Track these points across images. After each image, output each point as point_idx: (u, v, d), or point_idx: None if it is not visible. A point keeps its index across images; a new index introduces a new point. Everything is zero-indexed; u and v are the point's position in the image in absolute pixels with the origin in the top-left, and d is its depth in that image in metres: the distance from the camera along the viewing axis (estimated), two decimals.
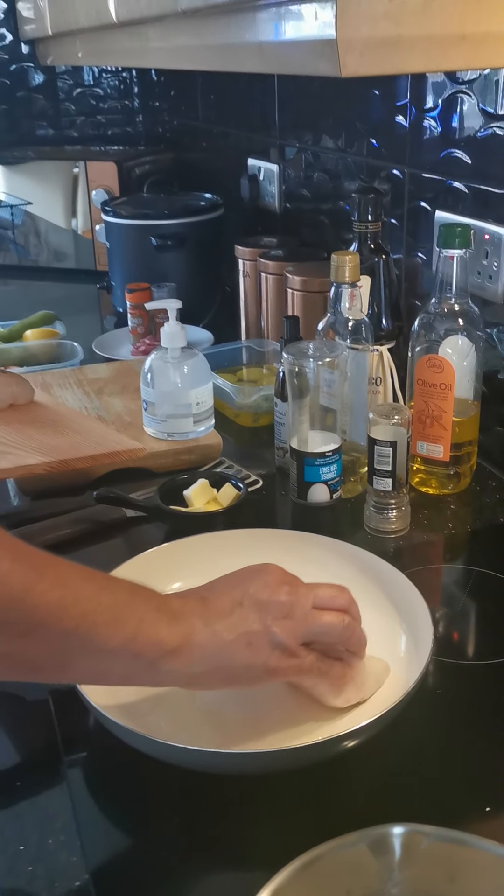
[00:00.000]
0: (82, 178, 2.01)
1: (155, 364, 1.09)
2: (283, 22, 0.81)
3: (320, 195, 1.47)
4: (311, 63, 0.78)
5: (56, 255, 2.14)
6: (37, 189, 2.11)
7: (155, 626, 0.56)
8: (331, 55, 0.73)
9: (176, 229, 1.62)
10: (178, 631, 0.57)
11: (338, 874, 0.48)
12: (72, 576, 0.54)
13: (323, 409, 0.97)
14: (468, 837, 0.47)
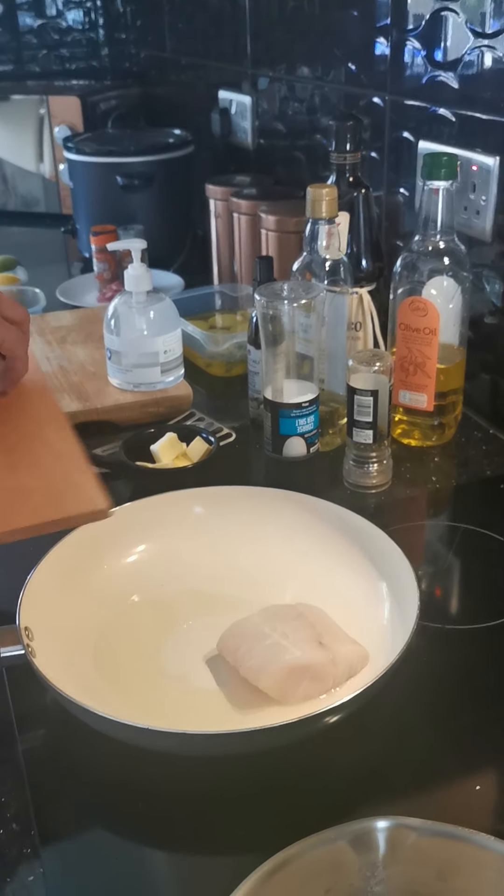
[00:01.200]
0: (39, 115, 1.89)
1: (119, 309, 1.02)
2: None
3: (296, 130, 1.38)
4: None
5: (24, 199, 2.04)
6: (2, 131, 2.00)
7: None
8: None
9: (143, 167, 1.52)
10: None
11: (316, 873, 0.43)
12: None
13: (299, 356, 0.91)
14: (461, 831, 0.42)
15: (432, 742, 0.60)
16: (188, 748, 0.56)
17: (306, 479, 0.88)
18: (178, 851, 0.54)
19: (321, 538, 0.75)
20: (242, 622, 0.65)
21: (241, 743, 0.55)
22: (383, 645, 0.63)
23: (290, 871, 0.41)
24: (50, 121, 1.88)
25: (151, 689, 0.63)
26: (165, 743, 0.55)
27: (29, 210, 2.02)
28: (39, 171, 1.98)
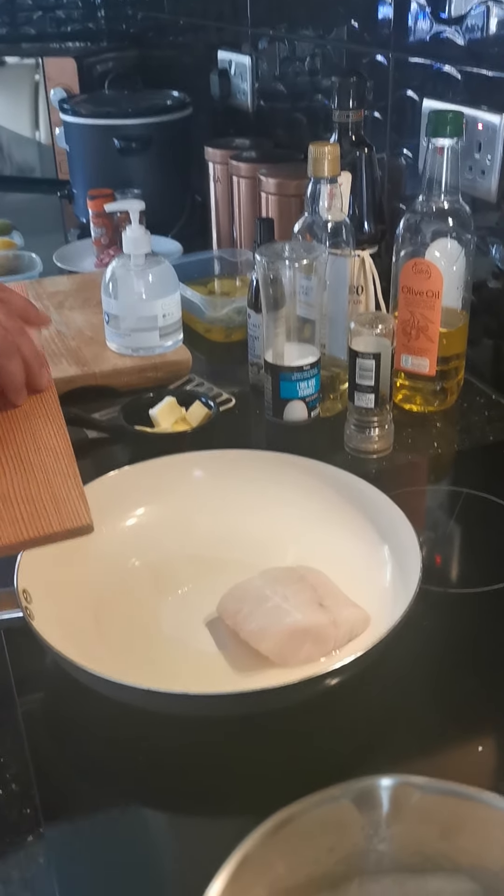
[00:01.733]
0: (35, 78, 1.86)
1: (117, 273, 1.00)
2: None
3: (297, 91, 1.36)
4: None
5: (19, 164, 2.01)
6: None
7: None
8: None
9: (140, 130, 1.49)
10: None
11: (318, 831, 0.42)
12: None
13: (300, 320, 0.89)
14: (466, 790, 0.42)
15: (434, 704, 0.60)
16: (189, 709, 0.55)
17: (307, 444, 0.87)
18: (180, 810, 0.53)
19: (323, 501, 0.74)
20: (243, 585, 0.64)
21: (241, 704, 0.55)
22: (385, 608, 0.62)
23: (292, 830, 0.41)
24: (45, 84, 1.85)
25: (151, 651, 0.62)
26: (165, 704, 0.55)
27: (24, 175, 1.99)
28: (35, 136, 1.95)
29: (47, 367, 0.65)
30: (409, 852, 0.44)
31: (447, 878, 0.44)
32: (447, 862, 0.44)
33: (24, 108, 1.94)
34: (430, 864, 0.44)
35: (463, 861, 0.43)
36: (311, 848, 0.42)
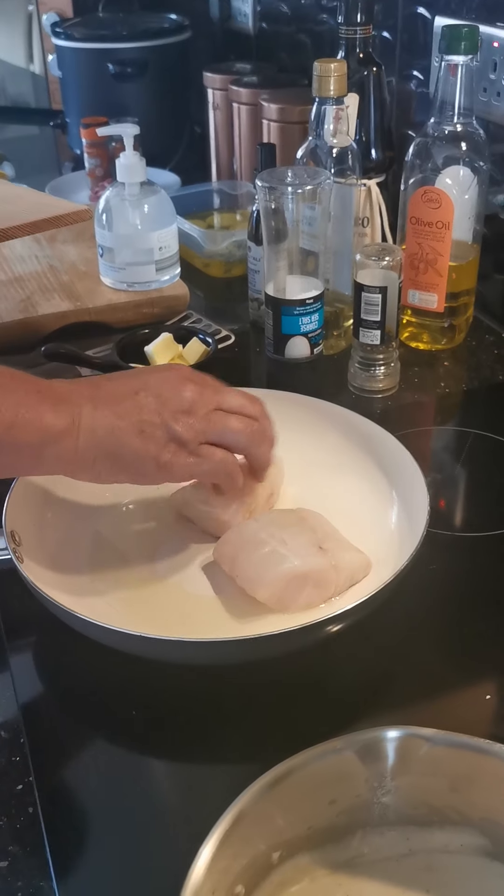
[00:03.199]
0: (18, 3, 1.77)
1: (111, 202, 0.95)
2: None
3: (300, 12, 1.28)
4: None
5: (13, 96, 1.93)
6: None
7: (36, 409, 0.52)
8: None
9: (136, 54, 1.42)
10: (64, 413, 0.52)
11: (320, 784, 0.40)
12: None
13: (303, 252, 0.85)
14: (478, 742, 0.40)
15: (442, 651, 0.58)
16: (185, 656, 0.53)
17: (310, 383, 0.84)
18: (178, 760, 0.51)
19: (325, 442, 0.71)
20: (239, 528, 0.61)
21: (238, 651, 0.52)
22: (391, 551, 0.60)
23: (293, 782, 0.39)
24: (38, 8, 1.76)
25: (146, 595, 0.60)
26: (161, 651, 0.52)
27: (18, 106, 1.92)
28: (29, 67, 1.87)
29: None
30: (415, 804, 0.42)
31: (455, 831, 0.42)
32: (456, 815, 0.42)
33: (18, 37, 1.87)
34: (437, 817, 0.42)
35: (473, 814, 0.41)
36: (312, 800, 0.40)
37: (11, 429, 0.51)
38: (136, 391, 0.55)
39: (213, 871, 0.35)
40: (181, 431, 0.55)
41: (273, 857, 0.40)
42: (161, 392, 0.56)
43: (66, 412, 0.53)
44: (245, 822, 0.37)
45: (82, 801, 0.49)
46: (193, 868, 0.34)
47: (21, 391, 0.52)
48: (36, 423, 0.51)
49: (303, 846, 0.41)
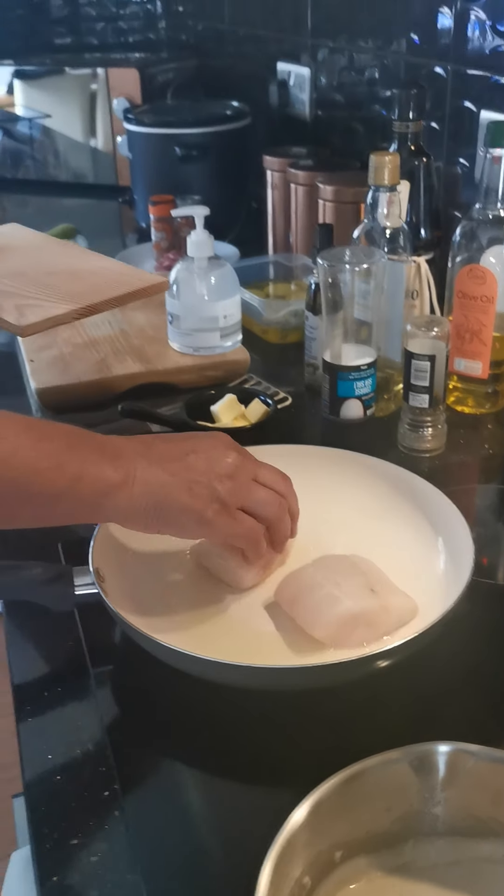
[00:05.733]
0: (102, 90, 1.92)
1: (181, 275, 1.05)
2: None
3: (354, 101, 1.39)
4: None
5: (75, 170, 2.07)
6: (55, 103, 2.03)
7: (98, 465, 0.58)
8: None
9: (201, 138, 1.54)
10: (122, 468, 0.58)
11: (378, 791, 0.46)
12: (8, 427, 0.56)
13: (357, 322, 0.93)
14: None
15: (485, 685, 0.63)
16: (250, 680, 0.59)
17: (362, 442, 0.90)
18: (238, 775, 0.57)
19: (376, 494, 0.77)
20: (297, 573, 0.67)
21: (297, 677, 0.58)
22: (437, 596, 0.65)
23: (353, 788, 0.44)
24: (108, 93, 1.90)
25: (215, 630, 0.66)
26: (230, 675, 0.58)
27: (81, 181, 2.05)
28: (94, 144, 2.01)
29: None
30: (462, 816, 0.47)
31: (499, 843, 0.47)
32: (499, 827, 0.47)
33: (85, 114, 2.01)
34: (482, 829, 0.47)
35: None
36: (370, 806, 0.46)
37: (77, 482, 0.57)
38: (187, 453, 0.62)
39: (286, 857, 0.41)
40: (224, 493, 0.61)
41: (336, 855, 0.45)
42: (209, 456, 0.62)
43: (123, 467, 0.59)
44: (317, 814, 0.42)
45: (160, 806, 0.54)
46: (271, 850, 0.40)
47: (85, 448, 0.59)
48: (97, 476, 0.58)
49: (361, 849, 0.46)
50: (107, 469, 0.58)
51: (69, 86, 1.99)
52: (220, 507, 0.61)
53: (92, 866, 0.50)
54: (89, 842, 0.51)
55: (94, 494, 0.58)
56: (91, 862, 0.50)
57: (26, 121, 2.05)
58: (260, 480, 0.64)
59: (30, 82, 2.04)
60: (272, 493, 0.64)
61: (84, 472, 0.57)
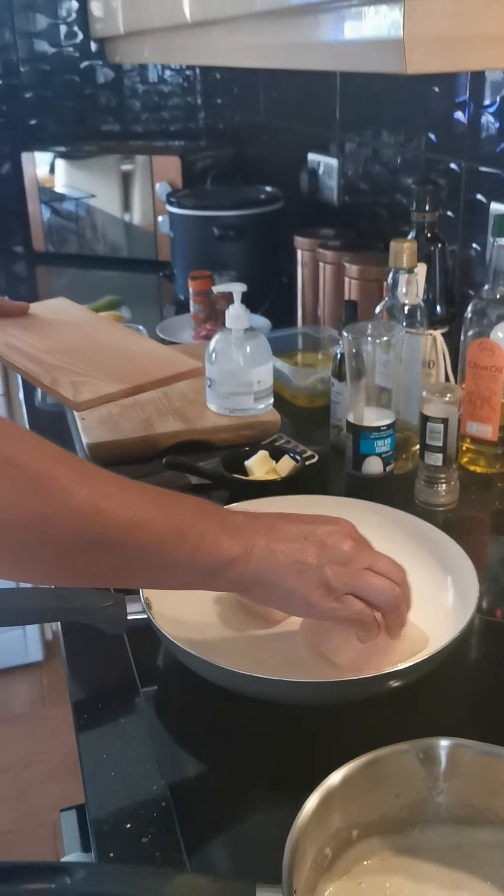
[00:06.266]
0: (140, 172, 2.08)
1: (219, 345, 1.16)
2: (353, 22, 0.87)
3: (378, 189, 1.52)
4: (379, 60, 0.84)
5: (118, 245, 2.23)
6: (100, 183, 2.20)
7: (217, 539, 0.61)
8: (397, 53, 0.79)
9: (237, 220, 1.68)
10: (239, 544, 0.62)
11: (389, 778, 0.54)
12: (137, 499, 0.59)
13: (378, 388, 1.03)
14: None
15: (486, 703, 0.71)
16: (282, 694, 0.67)
17: (382, 495, 0.99)
18: (265, 775, 0.65)
19: (393, 539, 0.85)
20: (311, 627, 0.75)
21: (320, 691, 0.67)
22: (445, 628, 0.73)
23: (368, 773, 0.52)
24: (152, 177, 2.07)
25: (249, 657, 0.74)
26: (260, 688, 0.67)
27: (123, 256, 2.20)
28: (136, 222, 2.17)
29: None
30: (462, 805, 0.55)
31: (494, 830, 0.54)
32: (494, 816, 0.54)
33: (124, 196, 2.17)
34: (479, 818, 0.55)
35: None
36: (383, 791, 0.54)
37: (195, 554, 0.60)
38: (306, 536, 0.64)
39: (310, 826, 0.49)
40: (332, 579, 0.63)
41: (353, 833, 0.53)
42: (325, 542, 0.64)
43: (241, 544, 0.62)
44: (338, 791, 0.50)
45: (203, 794, 0.62)
46: (298, 818, 0.48)
47: (208, 523, 0.62)
48: (215, 550, 0.61)
49: (375, 830, 0.54)
50: (225, 544, 0.61)
51: (114, 169, 2.16)
52: (325, 591, 0.63)
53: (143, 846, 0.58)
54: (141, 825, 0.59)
55: (209, 567, 0.62)
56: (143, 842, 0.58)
57: (72, 200, 2.22)
58: (375, 569, 0.66)
59: (77, 164, 2.21)
60: (386, 581, 0.66)
61: (202, 546, 0.61)
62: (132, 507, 0.58)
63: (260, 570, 0.62)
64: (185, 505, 0.63)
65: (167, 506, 0.61)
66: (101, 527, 0.57)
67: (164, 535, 0.59)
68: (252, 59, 1.25)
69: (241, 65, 1.28)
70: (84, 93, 2.38)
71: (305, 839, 0.48)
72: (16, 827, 1.82)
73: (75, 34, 2.32)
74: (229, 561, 0.62)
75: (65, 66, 2.34)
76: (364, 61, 0.89)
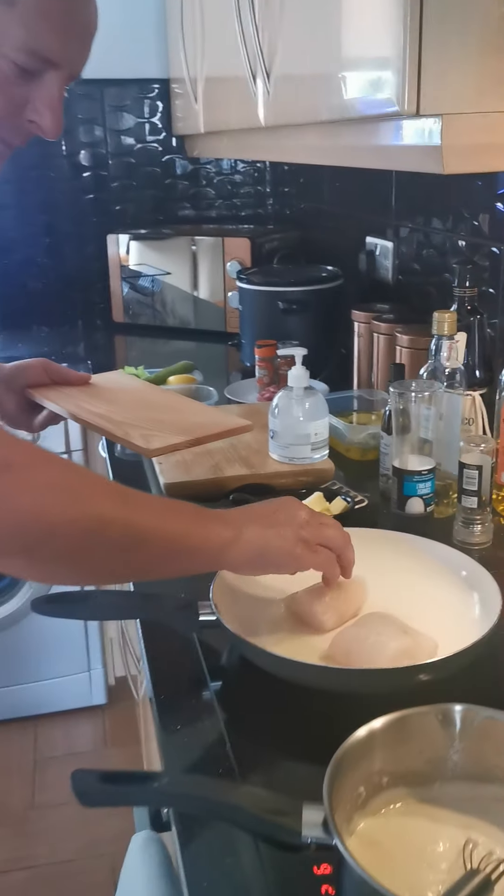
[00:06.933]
0: (211, 252, 2.29)
1: (281, 401, 1.32)
2: (402, 131, 1.04)
3: (428, 269, 1.69)
4: (422, 163, 1.01)
5: (184, 317, 2.43)
6: (170, 261, 2.41)
7: (217, 529, 0.82)
8: (437, 158, 0.96)
9: (301, 296, 1.86)
10: (232, 529, 0.82)
11: (415, 736, 0.65)
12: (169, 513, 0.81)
13: (421, 440, 1.17)
14: None
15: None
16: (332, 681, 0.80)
17: (423, 533, 1.11)
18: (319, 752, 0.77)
19: (431, 566, 0.98)
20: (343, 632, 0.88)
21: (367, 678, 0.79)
22: (474, 632, 0.85)
23: (397, 728, 0.64)
24: (223, 257, 2.28)
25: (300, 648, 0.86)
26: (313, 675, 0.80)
27: (194, 327, 2.40)
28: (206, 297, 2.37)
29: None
30: (474, 763, 0.66)
31: (502, 787, 0.66)
32: (501, 773, 0.66)
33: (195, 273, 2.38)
34: (489, 775, 0.66)
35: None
36: (409, 746, 0.65)
37: (205, 541, 0.81)
38: (273, 511, 0.86)
39: (348, 763, 0.61)
40: (305, 535, 0.85)
41: (383, 780, 0.65)
42: (289, 512, 0.87)
43: (233, 528, 0.82)
44: (370, 739, 0.63)
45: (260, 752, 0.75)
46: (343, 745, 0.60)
47: (208, 518, 0.83)
48: (218, 536, 0.81)
49: (402, 781, 0.66)
50: (223, 531, 0.82)
51: (187, 249, 2.38)
52: (304, 545, 0.84)
53: None
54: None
55: (216, 549, 0.82)
56: None
57: (149, 277, 2.45)
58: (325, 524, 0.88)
59: (155, 245, 2.44)
60: (337, 529, 0.89)
61: (208, 533, 0.81)
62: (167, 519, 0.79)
63: (253, 543, 0.82)
64: (189, 508, 0.84)
65: (178, 510, 0.83)
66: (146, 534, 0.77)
67: (183, 529, 0.80)
68: (317, 158, 1.45)
69: (307, 162, 1.48)
70: (164, 182, 2.64)
71: (345, 768, 0.60)
72: (77, 856, 1.92)
73: (159, 131, 2.59)
74: (229, 543, 0.81)
75: (148, 158, 2.61)
76: (410, 163, 1.06)
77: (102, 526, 0.73)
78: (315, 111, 1.25)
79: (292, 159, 1.74)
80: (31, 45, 0.77)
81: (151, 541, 0.77)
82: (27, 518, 0.69)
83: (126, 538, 0.75)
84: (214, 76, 1.89)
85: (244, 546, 0.82)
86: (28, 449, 0.73)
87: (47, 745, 2.28)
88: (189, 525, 0.81)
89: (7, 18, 0.76)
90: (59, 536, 0.71)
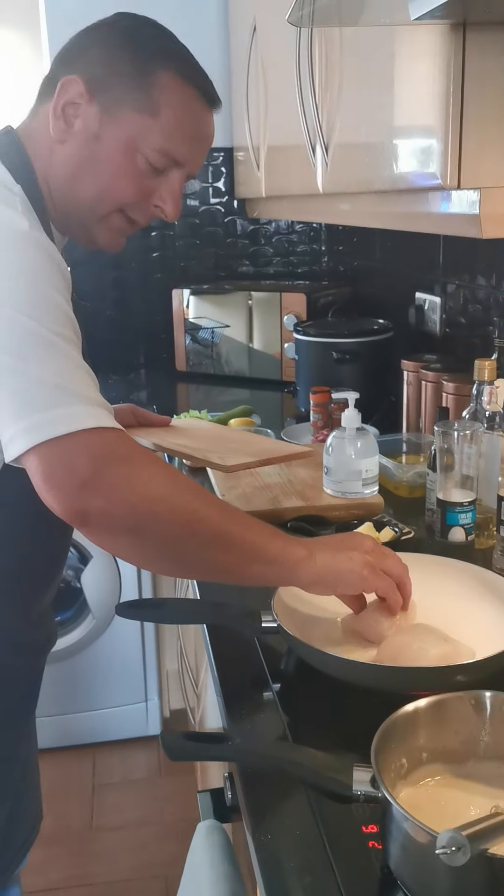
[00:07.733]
0: (267, 306, 2.44)
1: (335, 440, 1.44)
2: (446, 201, 1.18)
3: (473, 322, 1.81)
4: (464, 228, 1.14)
5: (241, 366, 2.58)
6: (229, 314, 2.58)
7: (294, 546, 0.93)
8: (476, 224, 1.09)
9: (353, 347, 2.00)
10: (306, 549, 0.93)
11: (451, 718, 0.76)
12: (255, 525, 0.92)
13: (464, 476, 1.28)
14: None
15: None
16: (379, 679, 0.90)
17: (463, 560, 1.22)
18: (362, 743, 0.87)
19: (471, 589, 1.09)
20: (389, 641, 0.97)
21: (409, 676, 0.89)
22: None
23: (436, 710, 0.74)
24: (281, 310, 2.44)
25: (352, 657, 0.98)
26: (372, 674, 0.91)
27: (251, 376, 2.55)
28: (260, 347, 2.52)
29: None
30: (502, 744, 0.76)
31: None
32: None
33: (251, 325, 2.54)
34: None
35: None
36: (446, 726, 0.76)
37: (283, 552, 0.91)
38: (342, 541, 0.98)
39: (397, 728, 0.72)
40: (372, 560, 0.95)
41: (423, 756, 0.75)
42: (356, 540, 0.98)
43: (307, 549, 0.93)
44: (413, 717, 0.73)
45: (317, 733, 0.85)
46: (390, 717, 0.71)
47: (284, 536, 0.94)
48: (294, 551, 0.92)
49: (439, 758, 0.76)
50: (299, 549, 0.93)
51: (244, 304, 2.55)
52: (370, 568, 0.94)
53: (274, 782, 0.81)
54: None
55: (291, 563, 0.92)
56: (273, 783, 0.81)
57: (209, 329, 2.61)
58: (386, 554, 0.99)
59: (215, 299, 2.61)
60: (397, 560, 0.99)
61: (286, 548, 0.92)
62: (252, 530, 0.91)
63: (324, 564, 0.93)
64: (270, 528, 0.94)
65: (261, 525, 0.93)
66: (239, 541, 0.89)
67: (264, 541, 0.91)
68: (370, 222, 1.59)
69: (361, 225, 1.62)
70: (225, 241, 2.82)
71: (390, 738, 0.71)
72: (134, 876, 2.00)
73: (222, 194, 2.78)
74: (302, 560, 0.92)
75: (211, 219, 2.80)
76: (453, 228, 1.20)
77: (198, 521, 0.85)
78: (368, 182, 1.39)
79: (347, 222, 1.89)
80: (165, 149, 0.97)
81: (236, 544, 0.88)
82: (139, 501, 0.82)
83: (216, 537, 0.87)
84: (276, 145, 2.07)
85: (317, 565, 0.92)
86: (146, 452, 0.87)
87: (105, 772, 2.38)
88: (270, 539, 0.92)
89: (149, 125, 0.95)
90: (161, 523, 0.83)
